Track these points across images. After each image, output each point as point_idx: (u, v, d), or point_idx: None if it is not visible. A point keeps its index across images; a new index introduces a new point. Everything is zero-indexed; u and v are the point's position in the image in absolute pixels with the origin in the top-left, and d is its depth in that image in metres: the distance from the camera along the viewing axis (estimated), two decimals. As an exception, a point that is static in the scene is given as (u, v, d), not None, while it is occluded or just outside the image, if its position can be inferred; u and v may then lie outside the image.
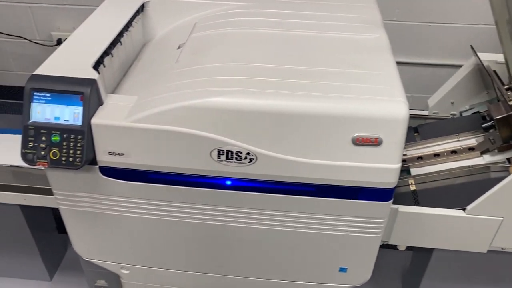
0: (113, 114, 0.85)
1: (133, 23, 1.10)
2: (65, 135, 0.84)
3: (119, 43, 1.03)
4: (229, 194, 0.89)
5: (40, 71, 0.87)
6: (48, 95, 0.84)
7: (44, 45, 2.40)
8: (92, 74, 0.86)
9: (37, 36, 2.40)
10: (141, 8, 1.17)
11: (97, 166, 0.89)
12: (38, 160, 0.84)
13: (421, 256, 1.22)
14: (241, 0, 1.17)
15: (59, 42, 2.36)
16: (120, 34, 1.03)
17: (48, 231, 1.56)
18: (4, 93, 2.64)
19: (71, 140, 0.83)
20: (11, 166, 1.27)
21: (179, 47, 1.04)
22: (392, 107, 0.80)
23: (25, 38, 2.38)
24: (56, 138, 0.84)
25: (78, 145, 0.83)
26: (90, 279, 1.17)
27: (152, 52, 1.13)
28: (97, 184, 0.91)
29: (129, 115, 0.85)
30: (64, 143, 0.84)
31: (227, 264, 1.03)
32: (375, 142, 0.80)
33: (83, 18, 2.40)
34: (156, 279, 1.09)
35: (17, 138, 1.32)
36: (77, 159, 0.84)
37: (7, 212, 1.37)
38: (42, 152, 0.84)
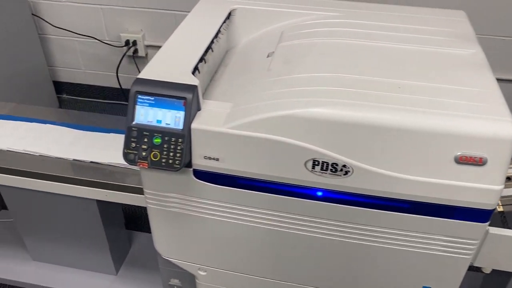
0: (211, 120, 0.87)
1: (221, 30, 1.13)
2: (166, 138, 0.86)
3: (210, 50, 1.05)
4: (318, 205, 0.89)
5: (143, 75, 0.90)
6: (152, 98, 0.87)
7: (112, 45, 2.49)
8: (194, 81, 0.88)
9: (106, 36, 2.50)
10: (228, 16, 1.19)
11: (191, 169, 0.91)
12: (139, 161, 0.88)
13: (497, 279, 1.18)
14: (327, 10, 1.17)
15: (127, 43, 2.44)
16: (212, 41, 1.06)
17: (117, 227, 1.61)
18: (71, 90, 2.76)
19: (172, 143, 0.86)
20: (91, 162, 1.33)
21: (268, 56, 1.06)
22: (499, 127, 0.77)
23: (95, 38, 2.48)
24: (157, 140, 0.87)
25: (178, 148, 0.86)
26: (165, 277, 1.20)
27: (239, 59, 1.15)
28: (188, 186, 0.94)
29: (226, 122, 0.87)
30: (165, 146, 0.87)
31: (307, 274, 1.03)
32: (479, 162, 0.78)
33: (151, 21, 2.48)
34: (231, 283, 1.11)
35: (93, 135, 1.39)
36: (177, 162, 0.86)
37: (84, 207, 1.43)
38: (144, 153, 0.87)
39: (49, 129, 1.44)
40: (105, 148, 1.37)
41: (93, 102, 2.74)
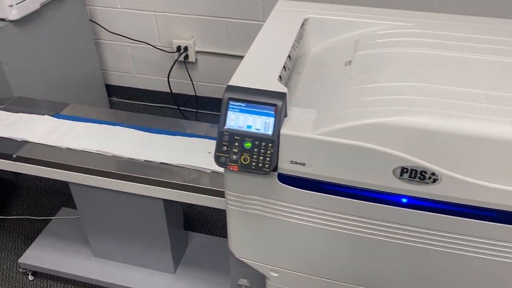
0: (299, 126, 0.91)
1: (297, 38, 1.16)
2: (256, 143, 0.90)
3: (289, 58, 1.09)
4: (403, 211, 0.91)
5: (234, 82, 0.94)
6: (243, 105, 0.91)
7: (164, 51, 2.56)
8: (282, 88, 0.92)
9: (158, 42, 2.57)
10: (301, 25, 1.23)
11: (276, 173, 0.95)
12: (229, 163, 0.92)
13: None
14: (400, 20, 1.19)
15: (178, 49, 2.51)
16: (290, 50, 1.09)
17: (177, 227, 1.67)
18: (121, 93, 2.85)
19: (262, 147, 0.90)
20: (161, 163, 1.38)
21: (346, 64, 1.09)
22: None
23: (148, 44, 2.56)
24: (248, 145, 0.91)
25: (268, 152, 0.90)
26: (234, 277, 1.24)
27: (313, 67, 1.18)
28: (272, 189, 0.97)
29: (314, 128, 0.90)
30: (255, 150, 0.90)
31: (384, 280, 1.04)
32: None
33: (202, 28, 2.53)
34: (302, 285, 1.13)
35: (161, 138, 1.45)
36: (266, 165, 0.90)
37: (151, 206, 1.48)
38: (234, 157, 0.91)
39: (119, 131, 1.51)
40: (173, 150, 1.42)
41: (142, 105, 2.82)
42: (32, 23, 2.01)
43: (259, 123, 0.91)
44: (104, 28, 2.55)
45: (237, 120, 0.92)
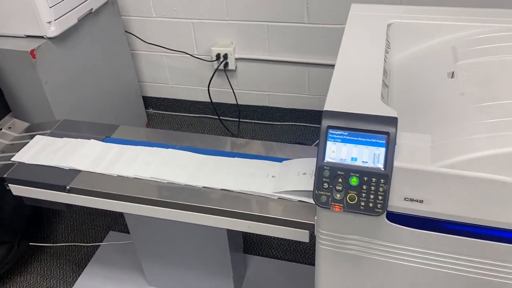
0: (415, 157, 0.77)
1: (385, 48, 1.02)
2: (365, 178, 0.77)
3: (384, 72, 0.95)
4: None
5: (331, 107, 0.81)
6: (346, 133, 0.78)
7: (203, 59, 2.45)
8: (391, 112, 0.78)
9: (196, 51, 2.46)
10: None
11: (385, 211, 0.81)
12: (333, 203, 0.78)
13: None
14: (498, 22, 1.04)
15: (218, 57, 2.39)
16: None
17: (238, 251, 1.55)
18: (157, 105, 2.75)
19: (372, 184, 0.76)
20: (222, 189, 1.25)
21: (450, 76, 0.94)
22: None
23: (186, 53, 2.45)
24: (355, 181, 0.77)
25: (380, 190, 0.76)
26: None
27: (403, 79, 1.04)
28: (378, 229, 0.84)
29: (434, 159, 0.76)
30: (364, 187, 0.77)
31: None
32: None
33: (241, 33, 2.41)
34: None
35: (218, 160, 1.31)
36: (378, 206, 0.76)
37: (213, 234, 1.37)
38: (338, 195, 0.78)
39: (173, 154, 1.38)
40: (233, 174, 1.28)
41: (180, 116, 2.72)
42: (69, 38, 1.92)
43: (366, 155, 0.77)
44: (140, 39, 2.45)
45: (339, 152, 0.78)
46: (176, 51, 2.45)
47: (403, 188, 0.78)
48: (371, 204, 0.77)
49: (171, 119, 2.71)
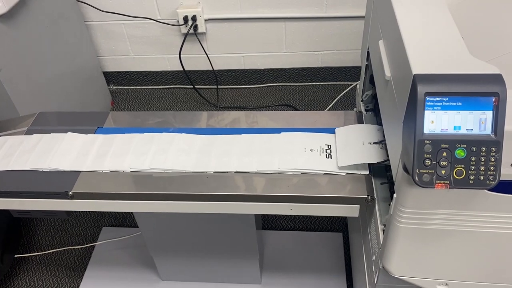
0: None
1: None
2: (473, 149, 0.67)
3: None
4: None
5: (421, 69, 0.69)
6: (445, 99, 0.67)
7: (169, 24, 2.22)
8: (493, 68, 0.67)
9: (159, 15, 2.22)
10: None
11: (485, 181, 0.72)
12: (438, 182, 0.68)
13: None
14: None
15: (186, 20, 2.17)
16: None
17: (260, 233, 1.44)
18: (118, 80, 2.50)
19: (482, 153, 0.67)
20: (236, 172, 1.10)
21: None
22: None
23: (149, 18, 2.20)
24: (461, 153, 0.67)
25: (492, 159, 0.67)
26: (380, 293, 1.04)
27: (468, 25, 0.93)
28: (474, 201, 0.75)
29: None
30: (473, 159, 0.67)
31: None
32: None
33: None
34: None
35: (221, 140, 1.13)
36: (490, 177, 0.67)
37: (241, 220, 1.25)
38: (443, 171, 0.68)
39: (169, 138, 1.17)
40: (244, 153, 1.12)
41: (146, 90, 2.49)
42: (18, 16, 1.62)
43: (471, 122, 0.67)
44: (94, 7, 2.15)
45: (439, 121, 0.67)
46: (136, 17, 2.19)
47: (511, 154, 0.69)
48: (481, 177, 0.67)
49: (138, 93, 2.47)
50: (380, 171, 1.05)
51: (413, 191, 0.76)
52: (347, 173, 1.04)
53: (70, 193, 1.08)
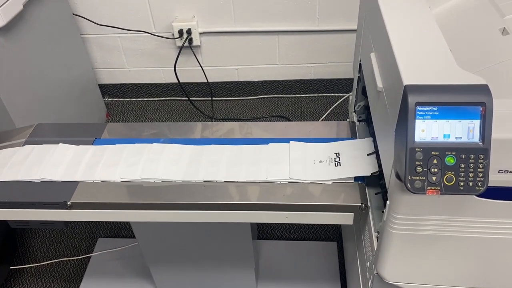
0: (510, 125, 0.71)
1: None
2: (462, 156, 0.70)
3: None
4: None
5: (411, 80, 0.72)
6: (435, 109, 0.70)
7: (164, 37, 2.25)
8: (478, 79, 0.71)
9: (154, 28, 2.26)
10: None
11: (473, 186, 0.75)
12: (429, 188, 0.71)
13: None
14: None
15: (181, 33, 2.20)
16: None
17: (255, 241, 1.46)
18: (113, 92, 2.52)
19: (470, 161, 0.70)
20: (225, 182, 1.14)
21: (503, 33, 0.89)
22: None
23: (144, 32, 2.23)
24: (451, 160, 0.70)
25: (480, 166, 0.70)
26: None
27: (450, 37, 0.97)
28: (464, 206, 0.78)
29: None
30: (462, 166, 0.70)
31: None
32: None
33: (203, 5, 2.22)
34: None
35: (209, 150, 1.15)
36: (479, 183, 0.70)
37: (237, 229, 1.27)
38: (434, 178, 0.71)
39: (159, 148, 1.19)
40: (235, 163, 1.14)
41: (141, 102, 2.51)
42: (16, 28, 1.65)
43: (459, 130, 0.70)
44: (90, 21, 2.18)
45: (429, 130, 0.70)
46: (131, 30, 2.23)
47: (498, 161, 0.72)
48: (470, 183, 0.70)
49: (132, 105, 2.50)
50: (373, 181, 1.08)
51: (405, 197, 0.79)
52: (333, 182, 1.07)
53: (68, 203, 1.09)
